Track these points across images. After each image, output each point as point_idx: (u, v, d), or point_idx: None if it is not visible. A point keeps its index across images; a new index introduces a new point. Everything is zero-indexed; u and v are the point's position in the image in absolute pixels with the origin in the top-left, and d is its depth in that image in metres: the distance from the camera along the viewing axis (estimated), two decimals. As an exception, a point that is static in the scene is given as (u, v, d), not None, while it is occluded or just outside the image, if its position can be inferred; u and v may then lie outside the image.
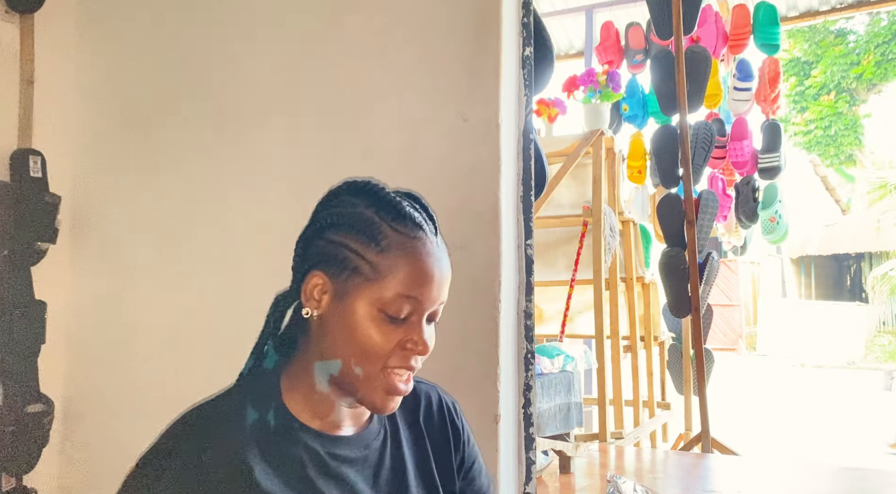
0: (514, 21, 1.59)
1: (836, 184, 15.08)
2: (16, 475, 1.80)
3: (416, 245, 0.84)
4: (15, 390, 1.78)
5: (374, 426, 0.92)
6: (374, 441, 0.91)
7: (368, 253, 0.83)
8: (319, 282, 0.85)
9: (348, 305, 0.83)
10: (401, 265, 0.83)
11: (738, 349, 12.76)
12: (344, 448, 0.87)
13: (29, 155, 1.83)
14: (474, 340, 1.48)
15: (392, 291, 0.82)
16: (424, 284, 0.84)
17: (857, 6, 5.55)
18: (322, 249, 0.86)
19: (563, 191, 3.62)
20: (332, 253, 0.85)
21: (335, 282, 0.84)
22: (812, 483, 2.74)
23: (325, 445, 0.85)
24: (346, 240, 0.85)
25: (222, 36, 1.85)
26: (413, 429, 0.96)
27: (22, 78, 1.85)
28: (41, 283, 1.84)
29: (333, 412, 0.88)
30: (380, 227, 0.84)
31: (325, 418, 0.87)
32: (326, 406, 0.87)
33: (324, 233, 0.87)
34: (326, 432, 0.87)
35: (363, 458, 0.88)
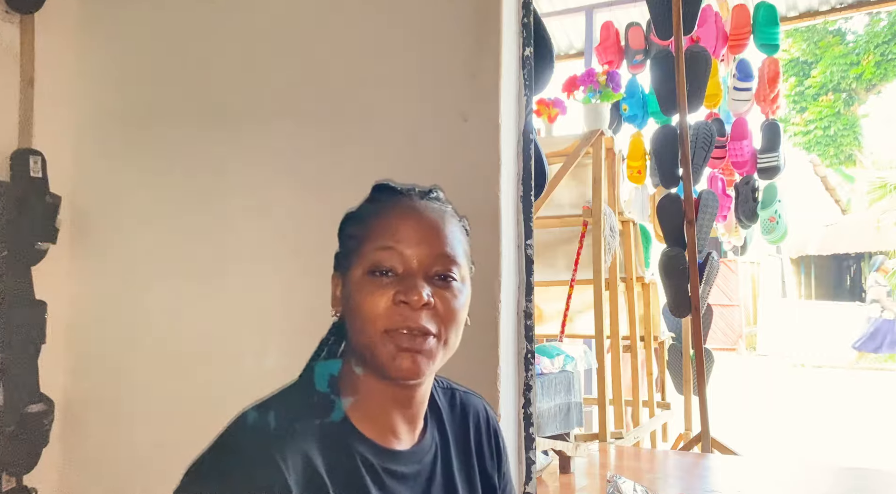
0: (514, 21, 1.59)
1: (836, 184, 15.09)
2: (16, 475, 1.80)
3: (391, 205, 0.86)
4: (15, 390, 1.78)
5: (426, 440, 0.89)
6: (426, 456, 0.88)
7: (356, 229, 0.86)
8: (334, 281, 0.88)
9: (348, 284, 0.84)
10: (377, 223, 0.84)
11: (738, 349, 12.77)
12: (399, 463, 0.84)
13: (29, 155, 1.83)
14: (474, 340, 1.48)
15: (371, 246, 0.82)
16: (402, 232, 0.82)
17: (856, 6, 5.55)
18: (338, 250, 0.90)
19: (563, 191, 3.62)
20: (338, 250, 0.89)
21: (341, 274, 0.87)
22: (812, 483, 2.74)
23: (382, 459, 0.82)
24: (344, 230, 0.89)
25: (222, 36, 1.85)
26: (462, 445, 0.93)
27: (22, 78, 1.85)
28: (41, 283, 1.84)
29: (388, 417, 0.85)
30: (361, 207, 0.89)
31: (382, 425, 0.84)
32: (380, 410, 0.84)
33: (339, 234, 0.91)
34: (383, 444, 0.84)
35: (416, 474, 0.85)
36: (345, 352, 0.89)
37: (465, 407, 0.96)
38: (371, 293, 0.80)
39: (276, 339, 1.72)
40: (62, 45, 1.94)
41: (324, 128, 1.70)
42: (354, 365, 0.85)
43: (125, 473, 1.88)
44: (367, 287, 0.81)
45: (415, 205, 0.85)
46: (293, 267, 1.71)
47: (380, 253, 0.81)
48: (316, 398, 0.84)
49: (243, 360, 1.74)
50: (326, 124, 1.70)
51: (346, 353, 0.88)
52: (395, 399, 0.84)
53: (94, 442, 1.91)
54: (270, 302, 1.74)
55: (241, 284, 1.78)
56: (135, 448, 1.87)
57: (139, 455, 1.86)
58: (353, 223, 0.87)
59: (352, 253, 0.85)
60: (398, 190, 0.88)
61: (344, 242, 0.88)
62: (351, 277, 0.83)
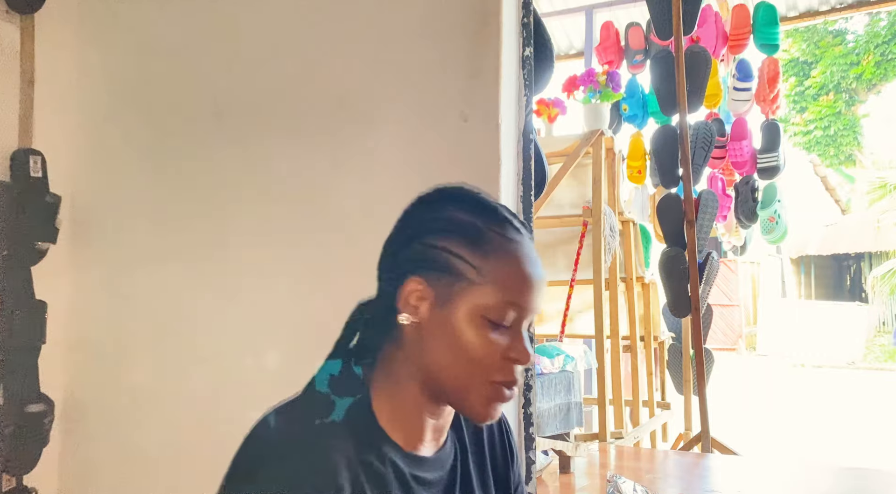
0: (514, 21, 1.59)
1: (836, 184, 15.09)
2: (16, 475, 1.80)
3: (519, 249, 0.82)
4: (15, 390, 1.78)
5: (447, 447, 0.88)
6: (447, 462, 0.87)
7: (473, 258, 0.80)
8: (419, 288, 0.81)
9: (451, 311, 0.80)
10: (506, 270, 0.80)
11: (738, 349, 12.77)
12: (425, 470, 0.84)
13: (29, 155, 1.83)
14: (474, 340, 1.48)
15: (497, 297, 0.79)
16: (527, 290, 0.81)
17: (856, 6, 5.55)
18: (421, 254, 0.82)
19: (563, 191, 3.62)
20: (433, 258, 0.81)
21: (436, 288, 0.80)
22: (812, 483, 2.74)
23: (409, 465, 0.82)
24: (448, 244, 0.81)
25: (222, 36, 1.85)
26: (478, 450, 0.93)
27: (22, 78, 1.85)
28: (41, 283, 1.84)
29: (420, 426, 0.84)
30: (482, 231, 0.81)
31: (411, 432, 0.83)
32: (414, 418, 0.83)
33: (422, 237, 0.82)
34: (410, 450, 0.83)
35: (439, 480, 0.85)
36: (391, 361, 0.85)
37: None
38: (489, 342, 0.79)
39: (277, 339, 1.72)
40: (62, 45, 1.94)
41: (324, 128, 1.70)
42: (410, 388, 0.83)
43: (125, 473, 1.88)
44: (483, 333, 0.79)
45: (533, 256, 0.83)
46: (293, 267, 1.71)
47: (508, 307, 0.80)
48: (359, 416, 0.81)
49: (243, 360, 1.74)
50: (327, 124, 1.70)
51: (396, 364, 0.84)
52: (431, 410, 0.84)
53: (94, 442, 1.91)
54: (271, 302, 1.74)
55: (241, 284, 1.78)
56: (135, 448, 1.87)
57: (139, 455, 1.86)
58: (471, 247, 0.81)
59: (467, 282, 0.80)
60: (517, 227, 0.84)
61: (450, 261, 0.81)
62: (459, 307, 0.80)
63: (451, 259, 0.80)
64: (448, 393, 0.82)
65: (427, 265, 0.81)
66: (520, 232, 0.84)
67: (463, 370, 0.79)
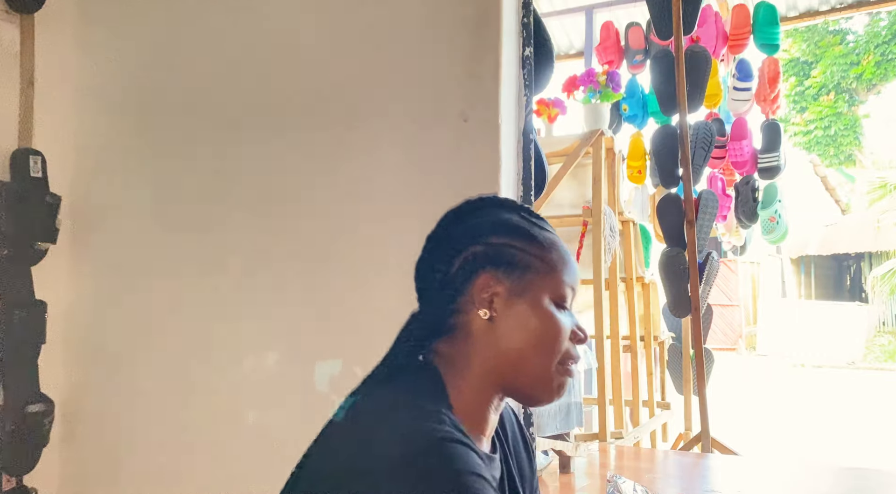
0: (514, 21, 1.59)
1: (836, 184, 15.09)
2: (16, 475, 1.80)
3: (560, 241, 0.91)
4: (15, 390, 1.78)
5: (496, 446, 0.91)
6: (500, 460, 0.90)
7: (533, 249, 0.87)
8: (492, 281, 0.85)
9: (526, 300, 0.85)
10: (558, 256, 0.88)
11: (738, 349, 12.77)
12: (494, 467, 0.87)
13: (29, 155, 1.83)
14: (474, 340, 1.48)
15: (560, 281, 0.87)
16: (575, 272, 0.90)
17: (857, 6, 5.55)
18: (488, 252, 0.86)
19: (563, 191, 3.61)
20: (498, 254, 0.86)
21: (507, 280, 0.85)
22: (812, 483, 2.74)
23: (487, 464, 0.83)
24: (510, 241, 0.87)
25: (222, 36, 1.85)
26: (506, 446, 0.96)
27: (22, 78, 1.85)
28: (41, 283, 1.84)
29: (486, 421, 0.87)
30: (532, 229, 0.89)
31: (481, 429, 0.86)
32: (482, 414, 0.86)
33: (481, 239, 0.87)
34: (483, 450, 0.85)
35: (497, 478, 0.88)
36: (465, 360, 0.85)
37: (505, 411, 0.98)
38: (563, 323, 0.86)
39: (276, 339, 1.72)
40: (62, 45, 1.94)
41: (324, 128, 1.70)
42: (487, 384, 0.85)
43: (125, 473, 1.88)
44: (557, 320, 0.86)
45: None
46: (294, 267, 1.71)
47: (568, 290, 0.88)
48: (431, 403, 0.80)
49: (243, 360, 1.74)
50: (327, 123, 1.70)
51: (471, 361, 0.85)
52: (496, 404, 0.88)
53: (94, 442, 1.91)
54: (271, 302, 1.74)
55: (241, 284, 1.78)
56: (135, 447, 1.87)
57: (139, 455, 1.86)
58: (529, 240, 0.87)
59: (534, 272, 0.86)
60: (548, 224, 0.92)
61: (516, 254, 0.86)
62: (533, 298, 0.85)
63: (516, 252, 0.86)
64: (525, 378, 0.85)
65: (496, 260, 0.86)
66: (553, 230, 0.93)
67: (544, 353, 0.85)
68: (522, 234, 0.87)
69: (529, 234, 0.88)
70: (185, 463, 1.78)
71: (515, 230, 0.88)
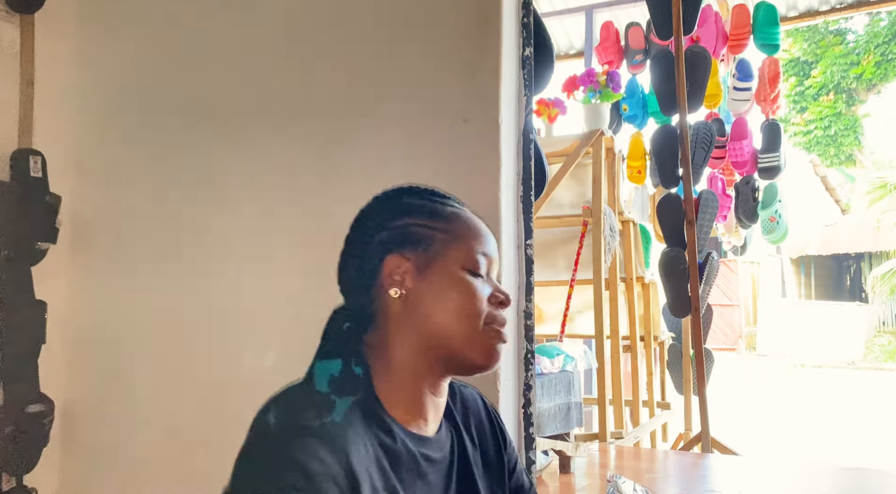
0: (514, 21, 1.59)
1: (836, 184, 15.09)
2: (16, 475, 1.80)
3: (468, 216, 0.92)
4: (15, 390, 1.78)
5: (443, 429, 0.92)
6: (446, 443, 0.91)
7: (436, 223, 0.89)
8: (399, 262, 0.87)
9: (435, 273, 0.87)
10: (466, 226, 0.90)
11: (738, 349, 12.76)
12: (430, 448, 0.88)
13: (29, 155, 1.83)
14: (474, 340, 1.48)
15: (469, 248, 0.88)
16: (489, 242, 0.91)
17: (857, 6, 5.55)
18: (390, 235, 0.89)
19: (563, 191, 3.62)
20: (402, 233, 0.88)
21: (414, 257, 0.87)
22: (812, 483, 2.74)
23: (417, 444, 0.86)
24: (408, 220, 0.89)
25: (222, 36, 1.85)
26: (469, 432, 0.97)
27: (22, 78, 1.85)
28: (41, 283, 1.84)
29: (421, 404, 0.88)
30: (433, 205, 0.91)
31: (415, 412, 0.87)
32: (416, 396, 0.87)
33: (387, 223, 0.90)
34: (416, 431, 0.87)
35: (443, 459, 0.89)
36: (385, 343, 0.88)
37: (464, 397, 1.00)
38: (476, 289, 0.87)
39: (277, 338, 1.72)
40: (62, 45, 1.94)
41: (324, 128, 1.70)
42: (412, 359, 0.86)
43: (125, 473, 1.88)
44: (469, 284, 0.87)
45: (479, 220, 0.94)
46: (294, 266, 1.71)
47: (480, 256, 0.89)
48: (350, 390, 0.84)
49: (243, 360, 1.74)
50: (327, 124, 1.70)
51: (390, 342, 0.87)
52: (431, 384, 0.88)
53: (94, 442, 1.91)
54: (271, 302, 1.74)
55: (241, 283, 1.78)
56: (135, 447, 1.87)
57: (139, 455, 1.86)
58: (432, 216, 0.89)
59: (439, 243, 0.88)
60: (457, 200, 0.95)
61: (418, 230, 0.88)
62: (443, 269, 0.87)
63: (419, 229, 0.88)
64: (451, 349, 0.86)
65: (399, 240, 0.88)
66: (460, 202, 0.95)
67: (461, 322, 0.86)
68: (423, 211, 0.90)
69: (431, 210, 0.90)
70: (185, 463, 1.78)
71: (417, 209, 0.90)
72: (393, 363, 0.86)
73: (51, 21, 1.90)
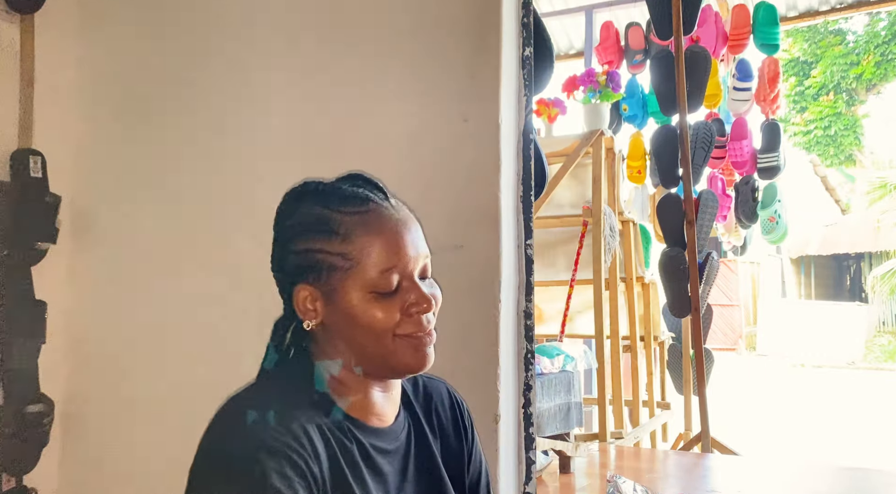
0: (514, 21, 1.59)
1: (836, 184, 15.08)
2: (16, 475, 1.80)
3: (372, 218, 0.86)
4: (15, 390, 1.78)
5: (401, 418, 0.94)
6: (401, 433, 0.93)
7: (334, 247, 0.85)
8: (306, 294, 0.87)
9: (341, 301, 0.85)
10: (368, 243, 0.85)
11: (738, 349, 12.76)
12: (382, 439, 0.89)
13: (29, 155, 1.83)
14: (474, 340, 1.48)
15: (373, 270, 0.84)
16: (398, 250, 0.86)
17: (857, 6, 5.54)
18: (294, 262, 0.88)
19: (563, 191, 3.62)
20: (303, 262, 0.87)
21: (320, 287, 0.86)
22: (812, 483, 2.74)
23: (367, 436, 0.88)
24: (309, 244, 0.87)
25: (223, 36, 1.85)
26: (429, 423, 0.98)
27: (22, 78, 1.85)
28: (41, 283, 1.84)
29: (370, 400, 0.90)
30: (331, 218, 0.86)
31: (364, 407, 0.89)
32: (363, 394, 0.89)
33: (288, 246, 0.89)
34: (367, 423, 0.89)
35: (396, 450, 0.91)
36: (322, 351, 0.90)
37: (427, 389, 1.01)
38: (384, 310, 0.85)
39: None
40: (62, 45, 1.94)
41: (323, 128, 1.70)
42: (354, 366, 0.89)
43: (125, 473, 1.88)
44: (374, 306, 0.85)
45: (392, 213, 0.88)
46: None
47: (384, 275, 0.85)
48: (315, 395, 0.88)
49: (243, 360, 1.74)
50: (327, 124, 1.70)
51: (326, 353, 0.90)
52: (381, 385, 0.91)
53: (94, 442, 1.91)
54: (271, 302, 1.73)
55: (241, 283, 1.78)
56: (135, 447, 1.87)
57: (139, 455, 1.86)
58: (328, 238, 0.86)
59: (340, 273, 0.85)
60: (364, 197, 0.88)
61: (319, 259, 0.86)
62: (344, 296, 0.85)
63: (318, 256, 0.86)
64: (376, 363, 0.87)
65: (304, 271, 0.87)
66: (369, 199, 0.88)
67: (376, 341, 0.86)
68: (322, 231, 0.86)
69: (328, 230, 0.86)
70: (185, 463, 1.78)
71: (316, 228, 0.86)
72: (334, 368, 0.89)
73: (51, 21, 1.90)
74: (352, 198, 0.88)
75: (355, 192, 0.88)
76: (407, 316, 0.85)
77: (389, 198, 0.90)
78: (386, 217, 0.87)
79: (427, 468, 0.94)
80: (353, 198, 0.88)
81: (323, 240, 0.86)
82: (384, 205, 0.88)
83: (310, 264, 0.86)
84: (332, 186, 0.91)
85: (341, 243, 0.85)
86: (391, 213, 0.88)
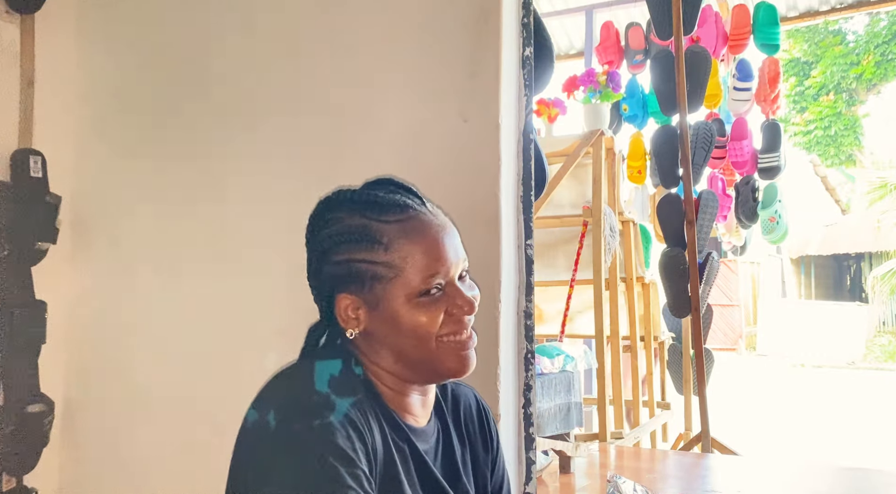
0: (514, 21, 1.59)
1: (836, 184, 15.08)
2: (16, 475, 1.80)
3: (413, 226, 0.87)
4: (15, 390, 1.78)
5: (431, 423, 0.95)
6: (432, 436, 0.94)
7: (378, 256, 0.86)
8: (349, 302, 0.88)
9: (385, 309, 0.86)
10: (410, 251, 0.86)
11: (738, 349, 12.76)
12: (420, 438, 0.91)
13: (29, 155, 1.83)
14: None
15: (417, 277, 0.85)
16: (439, 255, 0.87)
17: (857, 6, 5.54)
18: (334, 272, 0.88)
19: (563, 191, 3.61)
20: (345, 272, 0.87)
21: (363, 295, 0.87)
22: (812, 483, 2.74)
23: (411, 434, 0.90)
24: (350, 254, 0.87)
25: (223, 36, 1.85)
26: (457, 428, 1.00)
27: (22, 78, 1.85)
28: (41, 283, 1.84)
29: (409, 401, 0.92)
30: (372, 227, 0.87)
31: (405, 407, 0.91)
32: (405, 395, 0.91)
33: (327, 256, 0.89)
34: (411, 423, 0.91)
35: (428, 450, 0.92)
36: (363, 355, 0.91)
37: (456, 395, 1.02)
38: (429, 314, 0.86)
39: (277, 338, 1.72)
40: (62, 45, 1.94)
41: (324, 128, 1.70)
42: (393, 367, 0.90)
43: (125, 473, 1.88)
44: (418, 312, 0.86)
45: (431, 219, 0.89)
46: (294, 267, 1.71)
47: (428, 281, 0.86)
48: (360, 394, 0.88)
49: (243, 360, 1.74)
50: (326, 124, 1.70)
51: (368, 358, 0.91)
52: (420, 390, 0.93)
53: (94, 442, 1.91)
54: (271, 302, 1.74)
55: (241, 283, 1.78)
56: (135, 447, 1.87)
57: (139, 455, 1.86)
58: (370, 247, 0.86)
59: (382, 282, 0.86)
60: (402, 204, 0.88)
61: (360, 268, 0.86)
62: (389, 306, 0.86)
63: (361, 267, 0.86)
64: (419, 368, 0.89)
65: (345, 280, 0.88)
66: (408, 207, 0.88)
67: (416, 346, 0.87)
68: (364, 241, 0.86)
69: (370, 240, 0.86)
70: (185, 463, 1.78)
71: (357, 238, 0.87)
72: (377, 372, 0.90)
73: (51, 21, 1.90)
74: (391, 205, 0.88)
75: (393, 200, 0.88)
76: (448, 317, 0.87)
77: (426, 204, 0.91)
78: (426, 223, 0.88)
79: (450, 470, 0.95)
80: (393, 206, 0.88)
81: (365, 249, 0.86)
82: (422, 210, 0.89)
83: (352, 274, 0.87)
84: (368, 194, 0.90)
85: (384, 252, 0.86)
86: (430, 219, 0.89)
